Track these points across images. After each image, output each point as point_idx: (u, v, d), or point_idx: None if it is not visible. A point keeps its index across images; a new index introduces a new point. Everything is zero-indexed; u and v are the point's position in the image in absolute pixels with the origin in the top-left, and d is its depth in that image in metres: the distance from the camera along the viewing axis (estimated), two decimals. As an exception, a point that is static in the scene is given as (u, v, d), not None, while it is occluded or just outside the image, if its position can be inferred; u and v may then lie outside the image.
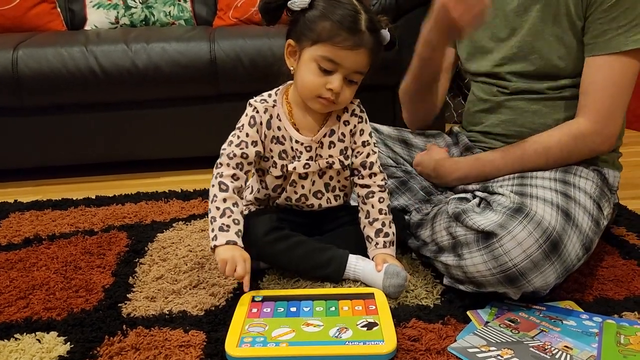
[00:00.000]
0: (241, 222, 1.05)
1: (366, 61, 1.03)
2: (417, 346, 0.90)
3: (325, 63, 1.01)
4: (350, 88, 1.05)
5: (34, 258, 1.27)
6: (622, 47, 1.05)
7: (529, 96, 1.18)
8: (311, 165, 1.11)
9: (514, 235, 0.92)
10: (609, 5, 1.04)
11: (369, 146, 1.14)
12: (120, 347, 0.91)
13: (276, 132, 1.10)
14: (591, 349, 0.88)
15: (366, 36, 1.00)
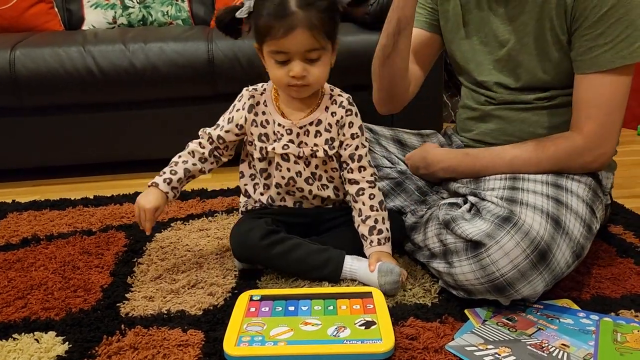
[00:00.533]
0: (179, 173, 1.16)
1: (311, 38, 1.01)
2: (415, 345, 0.90)
3: (277, 56, 1.04)
4: (315, 67, 1.04)
5: (32, 258, 1.27)
6: (610, 65, 1.03)
7: (517, 106, 1.17)
8: (290, 147, 1.12)
9: (502, 245, 0.92)
10: (594, 21, 1.02)
11: (358, 139, 1.14)
12: (118, 346, 0.92)
13: (259, 117, 1.14)
14: (588, 347, 0.88)
15: (299, 15, 0.99)
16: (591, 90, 1.06)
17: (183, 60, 1.88)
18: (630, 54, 1.02)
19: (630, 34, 1.01)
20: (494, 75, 1.19)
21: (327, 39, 1.03)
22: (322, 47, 1.03)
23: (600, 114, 1.06)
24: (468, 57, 1.23)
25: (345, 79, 1.98)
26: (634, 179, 1.76)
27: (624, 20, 1.01)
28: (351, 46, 1.96)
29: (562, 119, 1.13)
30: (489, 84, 1.20)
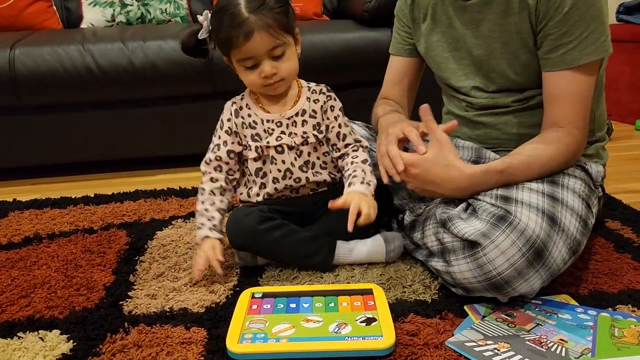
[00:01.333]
0: (216, 217, 1.16)
1: (271, 37, 1.06)
2: (416, 341, 0.91)
3: (245, 62, 1.09)
4: (283, 61, 1.09)
5: (34, 257, 1.28)
6: (576, 62, 1.04)
7: (497, 110, 1.18)
8: (284, 138, 1.16)
9: (497, 244, 0.93)
10: (557, 20, 1.03)
11: (340, 119, 1.21)
12: (122, 344, 0.93)
13: (246, 119, 1.18)
14: (586, 342, 0.89)
15: (253, 19, 1.04)
16: (570, 86, 1.06)
17: (182, 58, 1.88)
18: (596, 49, 1.04)
19: (593, 30, 1.03)
20: (470, 81, 1.20)
21: (286, 32, 1.08)
22: (284, 42, 1.08)
23: (583, 108, 1.08)
24: (442, 65, 1.25)
25: (344, 76, 2.00)
26: (631, 174, 1.77)
27: (586, 17, 1.02)
28: (350, 43, 1.97)
29: (540, 117, 1.14)
30: (466, 90, 1.22)
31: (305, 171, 1.19)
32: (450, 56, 1.22)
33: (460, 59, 1.20)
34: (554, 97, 1.08)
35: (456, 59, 1.21)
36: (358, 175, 1.15)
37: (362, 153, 1.20)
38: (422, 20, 1.25)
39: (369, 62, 1.98)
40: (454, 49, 1.21)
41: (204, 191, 1.19)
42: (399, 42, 1.34)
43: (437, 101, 1.51)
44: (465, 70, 1.20)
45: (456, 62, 1.21)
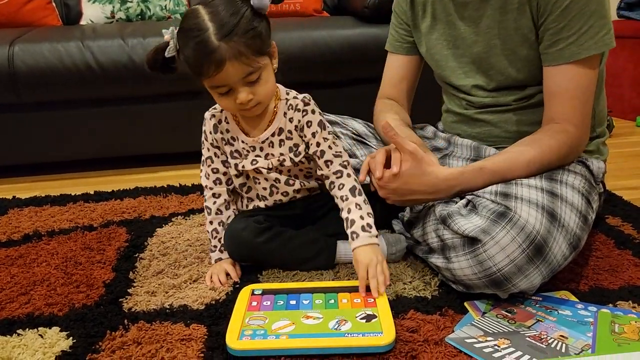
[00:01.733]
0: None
1: (243, 66, 0.97)
2: (416, 337, 0.91)
3: (218, 89, 1.01)
4: (259, 85, 1.02)
5: (34, 254, 1.28)
6: (575, 57, 1.03)
7: (497, 109, 1.18)
8: (259, 162, 1.12)
9: (497, 240, 0.93)
10: (556, 15, 1.02)
11: (319, 134, 1.10)
12: (122, 341, 0.92)
13: (225, 135, 1.14)
14: (586, 338, 0.89)
15: (223, 48, 0.95)
16: (568, 82, 1.06)
17: (182, 55, 1.88)
18: (595, 43, 1.03)
19: (592, 24, 1.02)
20: (470, 79, 1.20)
21: (260, 55, 1.00)
22: (258, 66, 1.00)
23: (581, 104, 1.07)
24: (441, 63, 1.24)
25: (344, 72, 2.00)
26: (632, 170, 1.76)
27: (585, 12, 1.01)
28: (350, 40, 1.97)
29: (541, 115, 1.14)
30: (466, 88, 1.21)
31: (292, 184, 1.16)
32: (450, 54, 1.21)
33: (460, 57, 1.20)
34: (552, 93, 1.08)
35: (456, 57, 1.20)
36: (356, 219, 1.05)
37: (348, 179, 1.09)
38: (422, 18, 1.25)
39: (369, 58, 1.97)
40: (454, 46, 1.20)
41: (210, 210, 1.17)
42: (397, 39, 1.33)
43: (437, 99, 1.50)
44: (464, 68, 1.20)
45: (456, 60, 1.21)
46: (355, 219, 1.05)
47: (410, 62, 1.33)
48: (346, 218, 1.06)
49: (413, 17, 1.27)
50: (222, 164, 1.17)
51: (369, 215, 1.06)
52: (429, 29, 1.23)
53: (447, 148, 1.29)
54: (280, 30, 1.96)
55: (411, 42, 1.30)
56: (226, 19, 0.96)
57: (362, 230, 1.04)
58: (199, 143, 2.01)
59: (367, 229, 1.04)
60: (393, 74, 1.36)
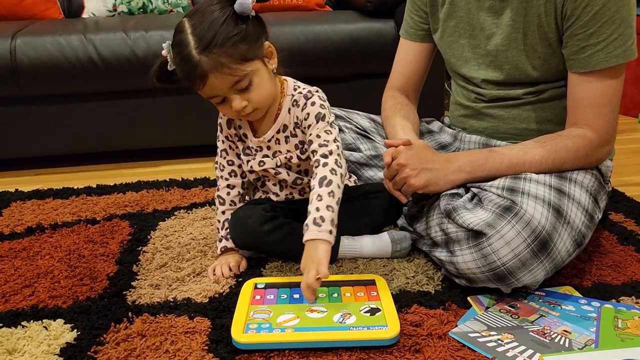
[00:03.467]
0: None
1: (228, 76, 0.96)
2: (419, 331, 0.91)
3: (212, 99, 1.02)
4: (252, 91, 1.00)
5: (37, 247, 1.28)
6: (604, 65, 1.02)
7: (507, 103, 1.17)
8: (267, 162, 1.13)
9: (502, 234, 0.93)
10: (586, 20, 1.01)
11: (313, 125, 1.06)
12: (126, 333, 0.93)
13: (237, 131, 1.14)
14: (589, 333, 0.89)
15: (204, 61, 0.94)
16: (593, 89, 1.05)
17: (184, 48, 1.88)
18: (624, 52, 1.02)
19: (622, 32, 1.01)
20: (482, 71, 1.19)
21: (246, 62, 0.98)
22: (245, 74, 0.98)
23: (606, 111, 1.06)
24: (456, 52, 1.23)
25: (347, 67, 2.00)
26: (634, 167, 1.76)
27: (615, 19, 1.00)
28: (352, 34, 1.96)
29: (551, 112, 1.15)
30: (477, 81, 1.20)
31: (300, 183, 1.16)
32: (467, 43, 1.20)
33: (476, 47, 1.18)
34: (577, 99, 1.07)
35: (472, 47, 1.19)
36: (311, 211, 0.98)
37: (322, 169, 1.02)
38: (441, 3, 1.23)
39: (372, 53, 1.97)
40: (470, 36, 1.18)
41: (223, 200, 1.17)
42: (412, 26, 1.31)
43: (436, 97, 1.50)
44: (479, 60, 1.18)
45: (472, 50, 1.19)
46: (311, 210, 0.99)
47: (424, 50, 1.32)
48: (307, 209, 1.00)
49: (432, 2, 1.25)
50: (237, 156, 1.17)
51: (327, 209, 0.98)
52: (447, 16, 1.21)
53: (452, 144, 1.29)
54: (282, 24, 1.96)
55: (426, 29, 1.29)
56: (204, 32, 0.95)
57: (313, 223, 0.97)
58: (202, 137, 2.04)
59: (318, 222, 0.96)
60: (405, 61, 1.35)
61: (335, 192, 1.00)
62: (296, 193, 1.18)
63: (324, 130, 1.07)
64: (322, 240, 0.95)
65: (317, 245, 0.95)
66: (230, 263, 1.13)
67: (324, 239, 0.96)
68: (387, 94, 1.37)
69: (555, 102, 1.14)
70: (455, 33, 1.22)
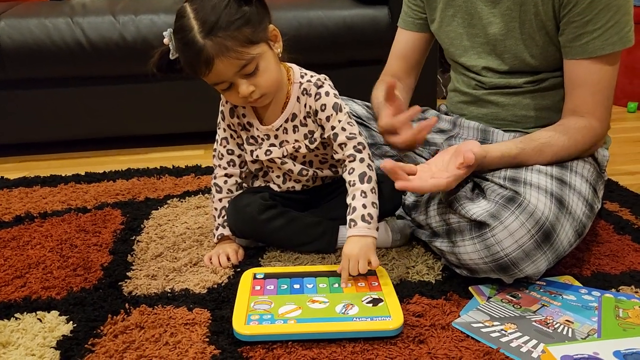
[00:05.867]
0: None
1: (234, 60, 0.94)
2: (422, 322, 0.91)
3: (218, 86, 1.00)
4: (259, 76, 0.98)
5: (27, 236, 1.25)
6: (600, 52, 1.02)
7: (508, 90, 1.17)
8: (273, 152, 1.11)
9: (506, 225, 0.92)
10: (583, 7, 1.01)
11: (333, 117, 1.05)
12: (124, 325, 0.91)
13: (241, 119, 1.12)
14: (591, 323, 0.90)
15: (209, 46, 0.92)
16: (590, 76, 1.05)
17: (175, 33, 1.83)
18: (620, 39, 1.02)
19: (618, 19, 1.01)
20: (482, 60, 1.18)
21: (251, 45, 0.96)
22: (252, 57, 0.96)
23: (604, 98, 1.07)
24: (455, 42, 1.22)
25: (340, 53, 1.97)
26: (626, 156, 1.77)
27: (612, 7, 1.00)
28: (346, 21, 1.94)
29: (551, 100, 1.14)
30: (477, 69, 1.19)
31: (305, 174, 1.14)
32: (465, 32, 1.19)
33: (474, 36, 1.17)
34: (574, 85, 1.07)
35: (470, 36, 1.18)
36: (357, 207, 1.00)
37: (360, 165, 1.04)
38: None
39: (366, 40, 1.95)
40: (469, 25, 1.17)
41: (220, 189, 1.15)
42: (409, 15, 1.29)
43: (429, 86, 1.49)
44: (478, 48, 1.17)
45: (470, 39, 1.18)
46: (357, 206, 1.01)
47: (421, 39, 1.31)
48: (350, 204, 1.03)
49: None
50: (237, 146, 1.15)
51: (373, 205, 1.01)
52: (445, 5, 1.20)
53: (452, 130, 1.28)
54: (275, 9, 1.87)
55: (424, 18, 1.28)
56: (208, 15, 0.93)
57: (362, 219, 0.99)
58: (191, 124, 2.00)
59: (367, 220, 0.99)
60: (401, 50, 1.33)
61: (375, 188, 1.04)
62: (299, 186, 1.16)
63: (347, 122, 1.06)
64: (370, 237, 0.99)
65: (366, 240, 0.99)
66: (228, 252, 1.12)
67: (373, 235, 0.99)
68: (379, 80, 1.36)
69: (555, 90, 1.14)
70: (453, 22, 1.21)
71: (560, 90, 1.13)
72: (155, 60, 1.02)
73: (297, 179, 1.15)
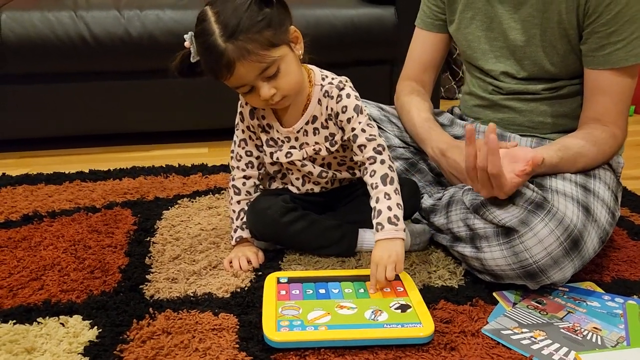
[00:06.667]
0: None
1: (255, 63, 0.93)
2: (451, 328, 0.91)
3: (239, 89, 1.00)
4: (280, 78, 0.97)
5: (38, 236, 1.22)
6: (623, 63, 1.03)
7: (525, 96, 1.17)
8: (294, 154, 1.10)
9: (536, 232, 0.92)
10: (608, 18, 1.02)
11: (354, 119, 1.04)
12: (150, 331, 0.89)
13: (261, 121, 1.10)
14: (619, 330, 0.90)
15: (230, 49, 0.92)
16: (613, 85, 1.06)
17: (181, 29, 1.77)
18: None
19: None
20: (500, 64, 1.18)
21: (273, 47, 0.95)
22: (274, 60, 0.95)
23: (624, 108, 1.08)
24: (473, 44, 1.22)
25: (347, 53, 1.96)
26: (631, 160, 1.79)
27: (637, 19, 1.01)
28: (353, 20, 1.93)
29: (568, 107, 1.15)
30: (495, 74, 1.19)
31: (325, 176, 1.13)
32: (483, 36, 1.18)
33: (493, 40, 1.17)
34: (595, 93, 1.07)
35: (489, 40, 1.18)
36: (383, 210, 0.99)
37: (381, 166, 1.03)
38: None
39: (372, 39, 1.94)
40: (488, 28, 1.17)
41: (238, 190, 1.14)
42: (429, 16, 1.29)
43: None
44: (496, 53, 1.18)
45: (489, 43, 1.18)
46: (382, 209, 1.00)
47: (440, 40, 1.30)
48: (374, 207, 1.01)
49: None
50: (256, 148, 1.13)
51: (398, 207, 1.00)
52: (464, 7, 1.19)
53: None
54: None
55: (443, 19, 1.27)
56: (229, 19, 0.92)
57: (388, 222, 0.98)
58: (194, 122, 1.98)
59: (394, 222, 0.98)
60: (420, 52, 1.33)
61: (398, 189, 1.03)
62: (317, 188, 1.15)
63: (367, 124, 1.04)
64: (398, 239, 0.98)
65: (395, 242, 0.98)
66: (248, 255, 1.10)
67: (401, 237, 0.98)
68: (403, 84, 1.35)
69: (573, 98, 1.15)
70: (472, 25, 1.20)
71: (578, 97, 1.14)
72: (176, 64, 1.01)
73: (316, 181, 1.15)
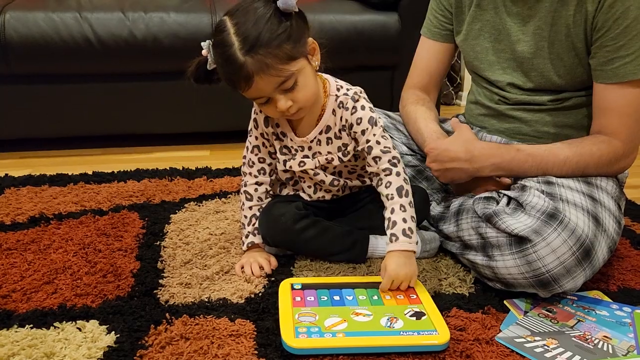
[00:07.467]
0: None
1: (274, 77, 0.94)
2: (466, 336, 0.92)
3: (256, 100, 1.01)
4: (297, 91, 0.97)
5: (46, 239, 1.22)
6: (631, 77, 1.04)
7: (530, 107, 1.19)
8: (307, 163, 1.11)
9: (549, 242, 0.94)
10: (617, 33, 1.03)
11: (369, 131, 1.06)
12: (168, 336, 0.89)
13: (275, 129, 1.11)
14: (629, 339, 0.92)
15: (249, 63, 0.92)
16: (620, 100, 1.07)
17: (185, 32, 1.81)
18: None
19: None
20: (507, 76, 1.19)
21: (292, 60, 0.95)
22: (290, 74, 0.95)
23: (631, 121, 1.09)
24: (480, 56, 1.23)
25: (351, 59, 1.97)
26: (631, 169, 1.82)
27: None
28: (357, 26, 1.94)
29: (574, 118, 1.17)
30: (501, 84, 1.21)
31: (336, 185, 1.14)
32: (491, 47, 1.20)
33: (501, 52, 1.19)
34: (603, 108, 1.09)
35: (496, 51, 1.20)
36: (398, 222, 1.01)
37: (396, 178, 1.04)
38: (468, 6, 1.22)
39: (375, 46, 1.96)
40: (496, 40, 1.19)
41: (250, 196, 1.15)
42: (435, 25, 1.30)
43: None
44: (503, 64, 1.19)
45: (496, 54, 1.20)
46: (397, 220, 1.01)
47: (446, 50, 1.32)
48: (388, 218, 1.03)
49: (458, 3, 1.24)
50: (268, 154, 1.14)
51: (412, 219, 1.02)
52: (472, 18, 1.21)
53: None
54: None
55: (449, 29, 1.29)
56: (249, 31, 0.92)
57: (403, 234, 1.00)
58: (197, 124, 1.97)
59: (408, 234, 1.00)
60: (426, 61, 1.34)
61: (412, 202, 1.04)
62: (329, 195, 1.16)
63: (381, 135, 1.06)
64: (411, 252, 1.01)
65: (409, 256, 1.01)
66: (260, 261, 1.11)
67: (414, 250, 1.01)
68: (408, 92, 1.36)
69: (578, 109, 1.16)
70: (480, 36, 1.22)
71: (583, 109, 1.16)
72: (192, 71, 1.01)
73: (328, 189, 1.16)
